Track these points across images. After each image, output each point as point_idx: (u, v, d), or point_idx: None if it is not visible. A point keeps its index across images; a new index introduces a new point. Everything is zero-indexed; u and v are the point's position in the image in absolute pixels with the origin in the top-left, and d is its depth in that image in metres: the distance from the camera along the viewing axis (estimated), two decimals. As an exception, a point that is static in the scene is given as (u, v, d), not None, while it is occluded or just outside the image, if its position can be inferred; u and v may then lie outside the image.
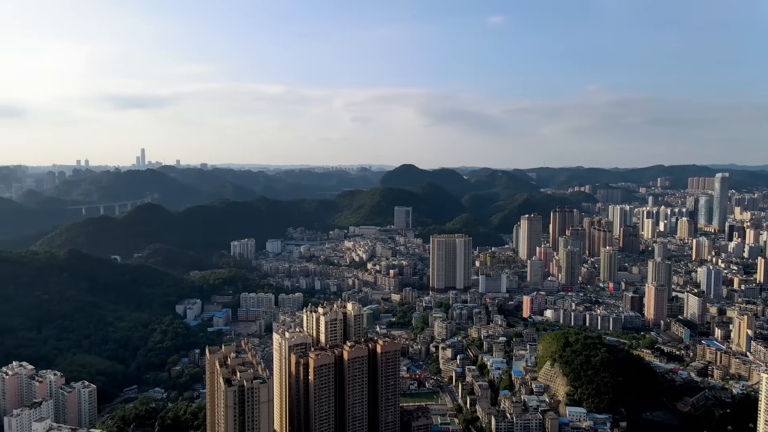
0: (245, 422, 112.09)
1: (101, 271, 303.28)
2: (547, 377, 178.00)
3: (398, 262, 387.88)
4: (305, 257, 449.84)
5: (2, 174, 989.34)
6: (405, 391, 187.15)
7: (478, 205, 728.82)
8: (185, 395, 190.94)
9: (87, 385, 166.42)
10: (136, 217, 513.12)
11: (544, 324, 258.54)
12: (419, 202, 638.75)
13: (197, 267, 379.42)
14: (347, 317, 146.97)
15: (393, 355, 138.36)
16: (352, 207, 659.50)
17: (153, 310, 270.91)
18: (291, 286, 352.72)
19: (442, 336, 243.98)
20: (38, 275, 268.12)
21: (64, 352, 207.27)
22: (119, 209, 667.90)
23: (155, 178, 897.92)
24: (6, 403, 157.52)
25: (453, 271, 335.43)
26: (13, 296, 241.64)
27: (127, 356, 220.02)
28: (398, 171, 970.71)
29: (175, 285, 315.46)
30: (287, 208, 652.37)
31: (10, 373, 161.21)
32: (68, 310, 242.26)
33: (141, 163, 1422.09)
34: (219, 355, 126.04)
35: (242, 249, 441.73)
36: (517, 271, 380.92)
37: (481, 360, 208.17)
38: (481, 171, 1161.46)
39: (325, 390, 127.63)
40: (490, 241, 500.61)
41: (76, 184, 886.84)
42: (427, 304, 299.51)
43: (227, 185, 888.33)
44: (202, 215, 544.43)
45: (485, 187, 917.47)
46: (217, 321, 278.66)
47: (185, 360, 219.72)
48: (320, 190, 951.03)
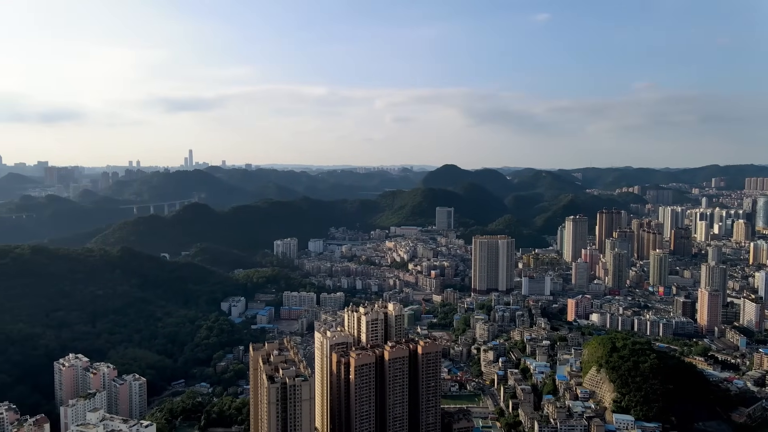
0: (287, 419, 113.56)
1: (151, 268, 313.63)
2: (593, 383, 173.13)
3: (440, 263, 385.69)
4: (347, 257, 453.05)
5: (61, 174, 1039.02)
6: (446, 393, 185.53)
7: (521, 206, 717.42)
8: (230, 390, 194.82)
9: (138, 378, 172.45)
10: (183, 216, 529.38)
11: (590, 328, 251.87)
12: (461, 202, 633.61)
13: (241, 265, 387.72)
14: (388, 317, 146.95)
15: (434, 356, 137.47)
16: (394, 207, 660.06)
17: (199, 307, 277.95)
18: (332, 285, 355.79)
19: (484, 338, 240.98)
20: (93, 272, 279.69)
21: (116, 346, 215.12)
22: (168, 208, 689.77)
23: (202, 179, 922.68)
24: (62, 393, 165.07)
25: (495, 273, 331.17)
26: (70, 292, 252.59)
27: (174, 351, 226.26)
28: (440, 171, 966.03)
29: (221, 283, 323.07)
30: (329, 208, 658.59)
31: (66, 364, 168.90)
32: (120, 306, 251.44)
33: (189, 164, 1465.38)
34: (262, 353, 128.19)
35: (285, 248, 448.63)
36: (561, 273, 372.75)
37: (524, 363, 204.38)
38: (525, 171, 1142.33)
39: (365, 390, 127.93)
40: (534, 242, 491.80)
41: (128, 184, 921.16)
42: (468, 306, 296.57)
43: (271, 185, 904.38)
44: (246, 215, 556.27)
45: (528, 187, 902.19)
46: (261, 319, 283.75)
47: (230, 356, 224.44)
48: (362, 191, 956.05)
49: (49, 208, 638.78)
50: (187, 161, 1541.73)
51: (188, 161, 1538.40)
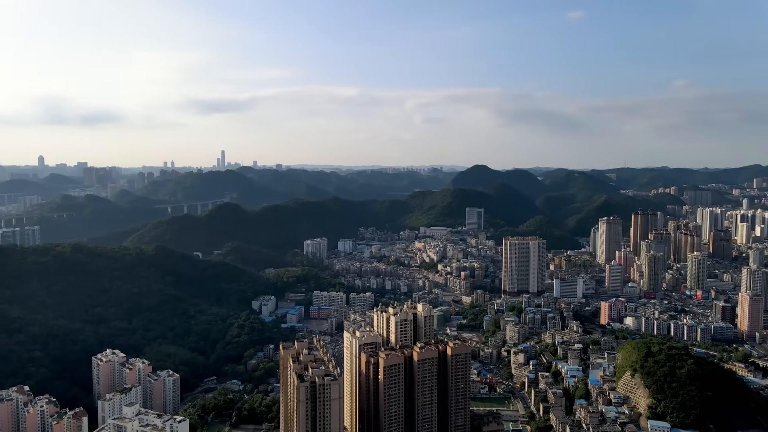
0: (317, 417, 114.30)
1: (184, 266, 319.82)
2: (627, 388, 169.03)
3: (469, 264, 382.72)
4: (376, 257, 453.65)
5: (99, 175, 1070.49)
6: (475, 395, 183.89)
7: (553, 206, 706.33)
8: (260, 388, 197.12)
9: (171, 374, 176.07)
10: (216, 215, 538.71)
11: (624, 332, 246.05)
12: (491, 203, 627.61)
13: (272, 265, 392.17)
14: (417, 318, 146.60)
15: (463, 358, 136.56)
16: (423, 208, 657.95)
17: (231, 305, 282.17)
18: (362, 285, 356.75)
19: (514, 340, 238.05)
20: (129, 270, 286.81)
21: (151, 342, 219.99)
22: (201, 208, 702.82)
23: (234, 179, 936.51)
24: (100, 387, 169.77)
25: (526, 275, 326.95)
26: (107, 288, 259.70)
27: (207, 348, 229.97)
28: (470, 172, 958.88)
29: (252, 282, 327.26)
30: (359, 208, 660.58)
31: (104, 360, 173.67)
32: (155, 303, 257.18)
33: (221, 165, 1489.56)
34: (292, 351, 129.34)
35: (315, 248, 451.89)
36: (594, 275, 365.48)
37: (555, 367, 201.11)
38: (557, 172, 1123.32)
39: (394, 390, 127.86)
40: (566, 244, 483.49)
41: (163, 185, 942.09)
42: (498, 308, 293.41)
43: (301, 185, 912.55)
44: (276, 214, 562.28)
45: (560, 188, 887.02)
46: (291, 318, 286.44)
47: (260, 354, 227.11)
48: (391, 191, 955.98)
49: (88, 207, 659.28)
50: (219, 162, 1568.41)
51: (221, 162, 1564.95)
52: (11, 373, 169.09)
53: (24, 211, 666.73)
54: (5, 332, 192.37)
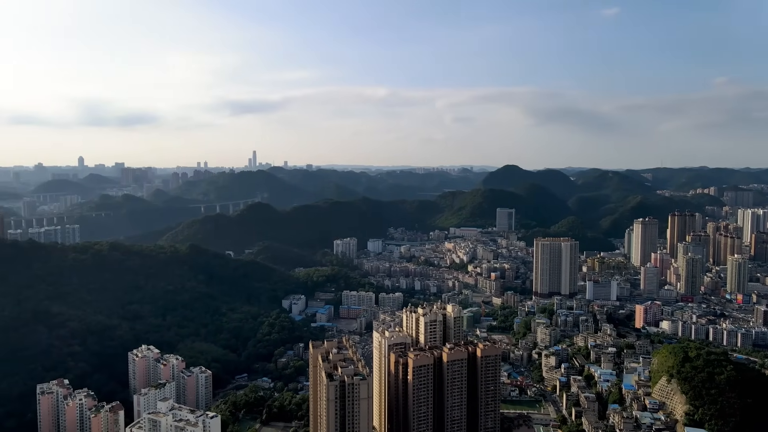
0: (345, 417, 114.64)
1: (217, 265, 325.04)
2: (663, 394, 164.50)
3: (500, 265, 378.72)
4: (405, 257, 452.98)
5: (136, 175, 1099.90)
6: (505, 398, 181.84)
7: (586, 207, 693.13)
8: (290, 386, 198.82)
9: (204, 371, 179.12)
10: (247, 215, 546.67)
11: (660, 336, 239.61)
12: (522, 203, 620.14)
13: (302, 264, 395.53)
14: (447, 319, 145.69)
15: (493, 360, 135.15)
16: (453, 208, 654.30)
17: (261, 304, 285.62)
18: (391, 285, 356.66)
19: (546, 343, 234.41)
20: (164, 268, 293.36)
21: (184, 339, 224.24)
22: (233, 208, 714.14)
23: (265, 179, 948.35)
24: (136, 382, 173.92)
25: (558, 276, 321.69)
26: (143, 286, 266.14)
27: (238, 346, 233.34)
28: (501, 172, 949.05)
29: (282, 281, 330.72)
30: (388, 209, 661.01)
31: (139, 355, 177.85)
32: (188, 300, 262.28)
33: (253, 165, 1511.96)
34: (321, 350, 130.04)
35: (344, 248, 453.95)
36: (629, 278, 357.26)
37: (588, 370, 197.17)
38: (590, 172, 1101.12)
39: (423, 391, 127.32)
40: (599, 245, 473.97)
41: (196, 185, 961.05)
42: (529, 309, 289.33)
43: (331, 185, 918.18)
44: (306, 214, 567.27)
45: (594, 188, 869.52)
46: (320, 317, 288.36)
47: (290, 353, 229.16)
48: (421, 191, 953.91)
49: (125, 206, 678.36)
50: (251, 162, 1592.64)
51: (252, 162, 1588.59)
52: (52, 367, 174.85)
53: (65, 210, 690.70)
54: (47, 327, 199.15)
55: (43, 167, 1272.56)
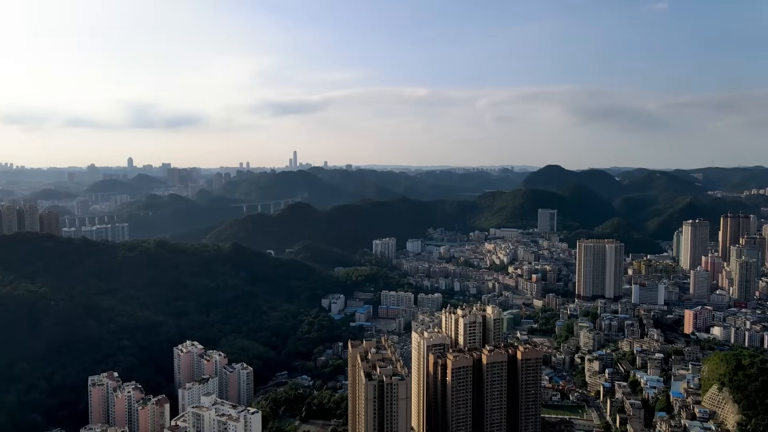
0: (384, 416, 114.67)
1: (258, 263, 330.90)
2: (714, 402, 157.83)
3: (541, 267, 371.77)
4: (445, 258, 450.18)
5: (181, 175, 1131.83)
6: (547, 402, 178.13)
7: (632, 208, 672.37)
8: (329, 384, 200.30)
9: (245, 367, 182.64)
10: (288, 214, 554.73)
11: (711, 342, 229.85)
12: (565, 204, 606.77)
13: (341, 263, 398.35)
14: (486, 321, 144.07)
15: (534, 363, 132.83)
16: (493, 208, 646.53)
17: (301, 303, 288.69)
18: (430, 286, 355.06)
19: (589, 347, 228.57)
20: (207, 265, 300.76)
21: (227, 336, 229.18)
22: (274, 207, 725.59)
23: (305, 179, 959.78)
24: (180, 377, 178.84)
25: (602, 279, 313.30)
26: (187, 283, 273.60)
27: (278, 343, 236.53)
28: (542, 172, 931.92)
29: (322, 280, 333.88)
30: (427, 209, 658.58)
31: (184, 350, 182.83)
32: (230, 298, 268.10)
33: (293, 165, 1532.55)
34: (360, 350, 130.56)
35: (383, 248, 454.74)
36: (677, 282, 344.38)
37: (634, 376, 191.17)
38: (636, 172, 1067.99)
39: (462, 393, 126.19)
40: (646, 248, 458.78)
41: (239, 185, 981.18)
42: (572, 312, 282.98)
43: (370, 185, 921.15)
44: (346, 214, 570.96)
45: (640, 189, 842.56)
46: (359, 316, 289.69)
47: (329, 351, 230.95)
48: (461, 191, 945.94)
49: (171, 206, 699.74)
50: (291, 162, 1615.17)
51: (293, 162, 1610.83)
52: (102, 360, 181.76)
53: (115, 209, 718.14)
54: (98, 321, 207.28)
55: (95, 168, 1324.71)
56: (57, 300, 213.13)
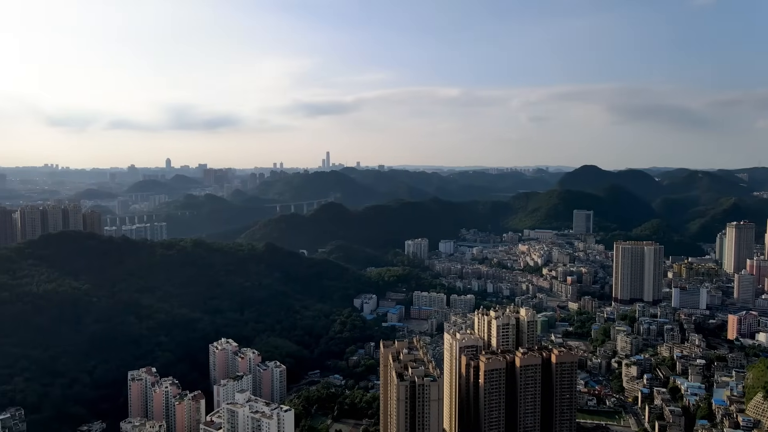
0: (416, 417, 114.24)
1: (291, 263, 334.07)
2: (759, 411, 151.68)
3: (577, 269, 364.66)
4: (477, 259, 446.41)
5: (217, 176, 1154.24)
6: (582, 407, 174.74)
7: (672, 209, 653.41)
8: (361, 384, 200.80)
9: (278, 365, 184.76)
10: (320, 214, 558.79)
11: (756, 349, 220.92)
12: (601, 205, 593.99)
13: (373, 264, 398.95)
14: (520, 323, 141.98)
15: (569, 367, 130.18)
16: (527, 209, 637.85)
17: (333, 302, 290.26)
18: (463, 287, 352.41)
19: (626, 351, 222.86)
20: (241, 264, 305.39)
21: (260, 334, 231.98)
22: (307, 207, 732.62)
23: (338, 179, 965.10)
24: (216, 373, 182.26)
25: (640, 282, 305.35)
26: (222, 282, 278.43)
27: (311, 342, 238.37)
28: (578, 172, 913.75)
29: (354, 280, 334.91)
30: (460, 209, 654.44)
31: (219, 348, 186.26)
32: (264, 297, 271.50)
33: (326, 165, 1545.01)
34: (392, 350, 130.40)
35: (416, 248, 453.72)
36: (720, 285, 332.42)
37: (674, 382, 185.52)
38: (677, 172, 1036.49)
39: (495, 395, 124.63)
40: (686, 250, 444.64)
41: (272, 185, 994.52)
42: (608, 316, 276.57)
43: (402, 186, 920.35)
44: (378, 214, 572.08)
45: (681, 189, 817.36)
46: (391, 317, 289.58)
47: (361, 351, 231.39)
48: (494, 192, 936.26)
49: (207, 205, 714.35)
50: (324, 163, 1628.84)
51: (325, 163, 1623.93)
52: (141, 356, 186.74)
53: (153, 208, 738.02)
54: (137, 318, 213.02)
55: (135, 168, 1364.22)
56: (99, 297, 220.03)
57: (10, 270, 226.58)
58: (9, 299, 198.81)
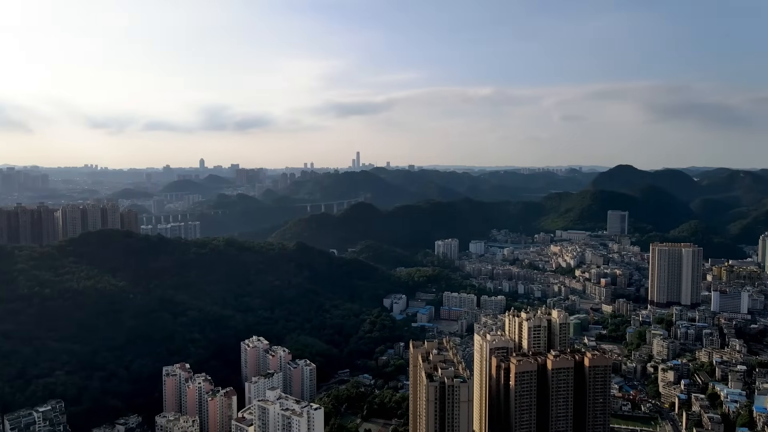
0: (445, 418, 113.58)
1: (321, 262, 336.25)
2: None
3: (611, 271, 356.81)
4: (508, 260, 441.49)
5: (249, 176, 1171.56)
6: (616, 412, 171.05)
7: (712, 210, 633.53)
8: (390, 384, 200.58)
9: (308, 364, 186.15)
10: (350, 214, 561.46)
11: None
12: (637, 206, 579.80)
13: (403, 264, 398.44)
14: (552, 325, 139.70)
15: (603, 371, 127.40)
16: (560, 210, 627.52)
17: (363, 302, 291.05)
18: (493, 288, 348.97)
19: (663, 356, 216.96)
20: (272, 263, 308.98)
21: (291, 332, 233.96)
22: (337, 207, 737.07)
23: (368, 179, 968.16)
24: (247, 370, 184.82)
25: (677, 285, 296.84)
26: (254, 280, 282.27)
27: (340, 341, 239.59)
28: (613, 172, 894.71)
29: (384, 279, 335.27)
30: (491, 210, 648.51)
31: (250, 345, 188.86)
32: (294, 296, 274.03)
33: (356, 165, 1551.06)
34: (422, 350, 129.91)
35: (446, 248, 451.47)
36: (762, 289, 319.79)
37: (713, 389, 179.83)
38: (716, 172, 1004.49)
39: (526, 398, 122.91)
40: (727, 252, 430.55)
41: (303, 185, 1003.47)
42: (644, 319, 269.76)
43: (432, 186, 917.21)
44: (408, 214, 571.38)
45: (721, 190, 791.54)
46: (421, 317, 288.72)
47: (391, 351, 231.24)
48: (525, 192, 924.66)
49: (239, 205, 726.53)
50: (354, 163, 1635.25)
51: (356, 163, 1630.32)
52: (175, 351, 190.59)
53: (187, 208, 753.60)
54: (172, 315, 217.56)
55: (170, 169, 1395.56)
56: (135, 293, 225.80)
57: (53, 267, 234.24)
58: (51, 295, 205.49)
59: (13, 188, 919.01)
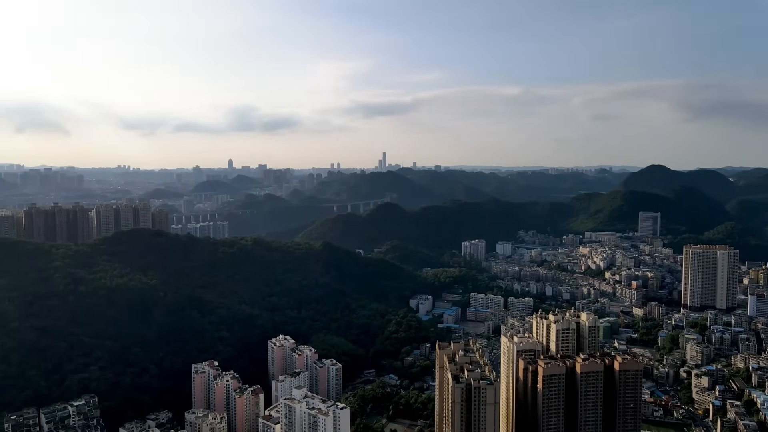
0: (471, 421, 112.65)
1: (347, 262, 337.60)
2: None
3: (642, 273, 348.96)
4: (536, 261, 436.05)
5: (276, 176, 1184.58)
6: (647, 417, 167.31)
7: (749, 212, 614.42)
8: (416, 385, 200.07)
9: (335, 363, 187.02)
10: (377, 215, 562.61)
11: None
12: (670, 207, 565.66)
13: (429, 264, 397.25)
14: (581, 327, 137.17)
15: (634, 375, 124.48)
16: (589, 211, 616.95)
17: (389, 302, 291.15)
18: (521, 290, 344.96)
19: (696, 361, 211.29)
20: (299, 263, 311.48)
21: (317, 332, 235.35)
22: (363, 207, 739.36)
23: (394, 180, 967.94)
24: (274, 369, 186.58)
25: (712, 288, 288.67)
26: (281, 279, 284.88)
27: (366, 341, 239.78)
28: (644, 172, 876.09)
29: (410, 280, 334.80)
30: (518, 211, 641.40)
31: (277, 344, 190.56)
32: (321, 295, 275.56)
33: (382, 166, 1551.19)
34: (448, 352, 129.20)
35: (472, 249, 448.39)
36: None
37: (749, 395, 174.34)
38: (754, 172, 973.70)
39: (554, 401, 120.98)
40: (765, 255, 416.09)
41: (330, 185, 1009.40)
42: (677, 323, 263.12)
43: (459, 186, 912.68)
44: (434, 215, 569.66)
45: (759, 190, 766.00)
46: (447, 318, 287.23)
47: (417, 352, 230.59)
48: (554, 193, 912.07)
49: (267, 205, 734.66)
50: (381, 163, 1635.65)
51: (382, 163, 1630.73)
52: (204, 349, 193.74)
53: (216, 207, 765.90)
54: (200, 313, 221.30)
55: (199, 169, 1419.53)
56: (166, 291, 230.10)
57: (87, 265, 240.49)
58: (86, 293, 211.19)
59: (51, 188, 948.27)
